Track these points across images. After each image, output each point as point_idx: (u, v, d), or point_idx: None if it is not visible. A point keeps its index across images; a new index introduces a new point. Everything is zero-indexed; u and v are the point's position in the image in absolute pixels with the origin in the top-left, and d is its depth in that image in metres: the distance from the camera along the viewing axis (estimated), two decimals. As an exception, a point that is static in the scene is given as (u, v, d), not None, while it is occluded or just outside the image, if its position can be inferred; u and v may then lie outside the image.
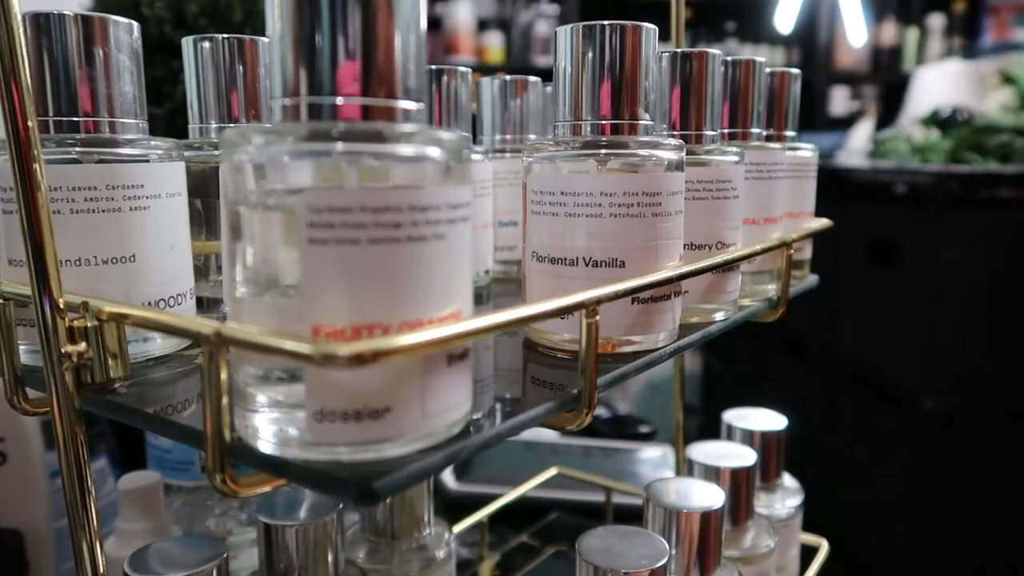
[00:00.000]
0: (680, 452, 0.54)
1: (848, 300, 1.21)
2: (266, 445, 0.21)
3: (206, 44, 0.36)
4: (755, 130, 0.41)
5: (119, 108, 0.29)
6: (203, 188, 0.35)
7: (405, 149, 0.21)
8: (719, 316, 0.37)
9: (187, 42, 0.36)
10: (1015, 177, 1.01)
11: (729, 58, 0.40)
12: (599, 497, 0.60)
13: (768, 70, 0.42)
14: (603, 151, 0.30)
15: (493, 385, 0.29)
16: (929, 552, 1.05)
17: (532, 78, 0.47)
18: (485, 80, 0.48)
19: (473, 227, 0.24)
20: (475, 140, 0.48)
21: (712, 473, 0.42)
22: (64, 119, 0.28)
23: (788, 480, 0.50)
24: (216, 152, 0.35)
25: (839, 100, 2.71)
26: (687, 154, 0.32)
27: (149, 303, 0.30)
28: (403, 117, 0.21)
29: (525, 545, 0.59)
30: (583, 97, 0.30)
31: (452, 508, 0.62)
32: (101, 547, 0.26)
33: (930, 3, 2.71)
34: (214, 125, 0.36)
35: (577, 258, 0.30)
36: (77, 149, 0.28)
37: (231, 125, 0.36)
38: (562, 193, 0.30)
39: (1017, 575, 1.03)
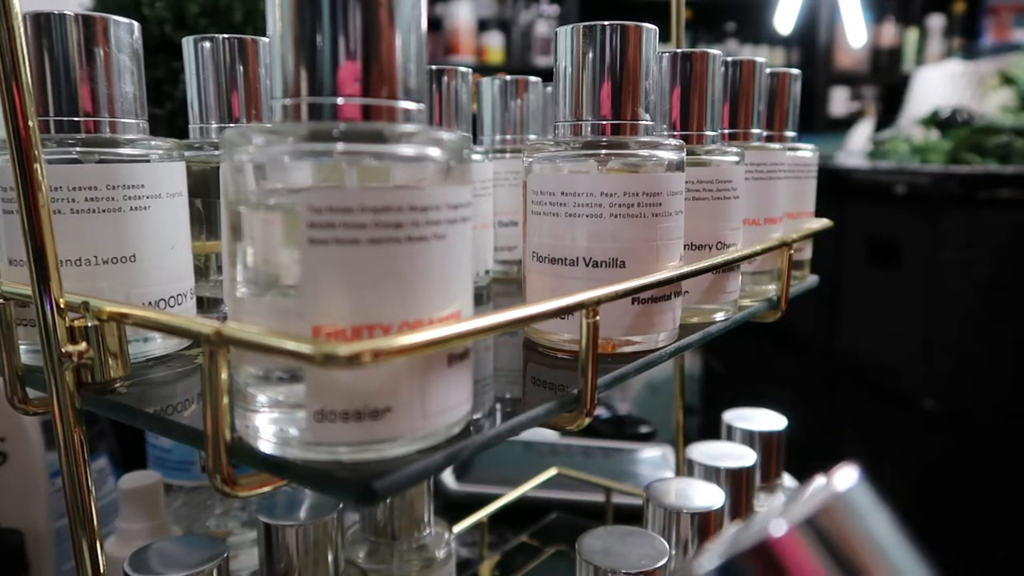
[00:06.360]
0: (680, 452, 0.54)
1: (848, 300, 1.22)
2: (266, 445, 0.21)
3: (206, 44, 0.36)
4: (755, 130, 0.41)
5: (119, 108, 0.29)
6: (203, 188, 0.35)
7: (406, 149, 0.21)
8: (719, 316, 0.37)
9: (187, 42, 0.36)
10: (1015, 177, 1.01)
11: (729, 58, 0.40)
12: (599, 497, 0.60)
13: (768, 70, 0.42)
14: (603, 151, 0.30)
15: (493, 385, 0.29)
16: (928, 551, 1.05)
17: (532, 78, 0.47)
18: (485, 80, 0.48)
19: (473, 227, 0.24)
20: (475, 140, 0.48)
21: (712, 473, 0.42)
22: (65, 119, 0.28)
23: (788, 480, 0.50)
24: (216, 152, 0.35)
25: (839, 101, 2.71)
26: (687, 154, 0.32)
27: (149, 303, 0.30)
28: (404, 117, 0.21)
29: (525, 545, 0.59)
30: (583, 97, 0.30)
31: (452, 508, 0.62)
32: (101, 547, 0.26)
33: (930, 4, 2.71)
34: (214, 125, 0.36)
35: (577, 258, 0.30)
36: (78, 149, 0.28)
37: (231, 125, 0.36)
38: (562, 193, 0.30)
39: (1017, 574, 1.03)
